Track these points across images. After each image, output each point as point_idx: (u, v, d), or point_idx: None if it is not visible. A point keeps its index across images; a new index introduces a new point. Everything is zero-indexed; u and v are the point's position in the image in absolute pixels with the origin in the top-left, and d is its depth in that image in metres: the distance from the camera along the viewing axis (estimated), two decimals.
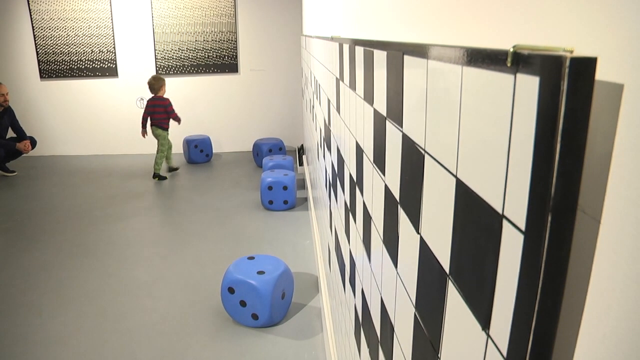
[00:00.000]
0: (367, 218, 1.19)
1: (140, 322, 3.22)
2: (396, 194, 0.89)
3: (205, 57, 7.61)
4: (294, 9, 7.43)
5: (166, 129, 6.31)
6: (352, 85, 1.36)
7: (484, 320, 0.55)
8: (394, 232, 0.92)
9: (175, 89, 7.78)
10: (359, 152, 1.27)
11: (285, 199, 5.14)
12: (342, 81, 1.58)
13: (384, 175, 0.98)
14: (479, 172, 0.55)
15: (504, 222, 0.49)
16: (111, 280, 3.80)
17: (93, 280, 3.82)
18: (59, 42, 7.54)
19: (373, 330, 1.19)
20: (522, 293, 0.46)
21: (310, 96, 4.21)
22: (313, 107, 3.86)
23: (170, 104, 6.21)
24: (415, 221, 0.78)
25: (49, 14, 7.47)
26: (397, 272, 0.91)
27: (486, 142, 0.53)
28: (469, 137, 0.58)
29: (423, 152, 0.74)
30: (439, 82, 0.66)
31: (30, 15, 7.50)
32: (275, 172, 5.33)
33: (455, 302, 0.63)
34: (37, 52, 7.59)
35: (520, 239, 0.46)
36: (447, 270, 0.66)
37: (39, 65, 7.64)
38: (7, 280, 3.86)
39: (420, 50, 0.73)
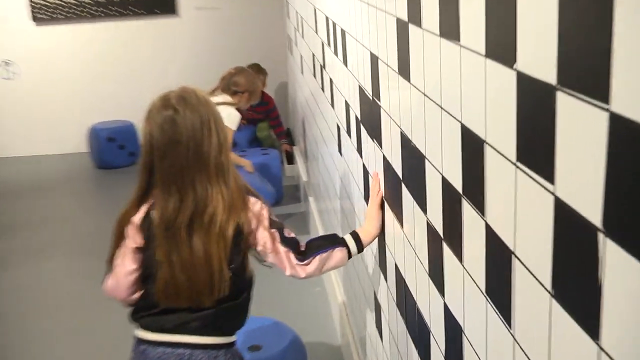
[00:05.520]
0: (504, 254, 0.74)
1: None
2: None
3: None
4: None
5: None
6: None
7: None
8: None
9: (65, 45, 4.82)
10: (474, 142, 0.79)
11: None
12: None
13: (552, 185, 0.61)
14: None
15: None
16: None
17: None
18: None
19: None
20: None
21: (316, 51, 2.69)
22: (323, 67, 2.47)
23: None
24: None
25: None
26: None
27: None
28: None
29: None
30: None
31: None
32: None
33: None
34: None
35: None
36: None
37: None
38: None
39: None
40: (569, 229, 0.56)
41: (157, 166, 1.32)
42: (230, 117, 2.94)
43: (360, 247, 1.49)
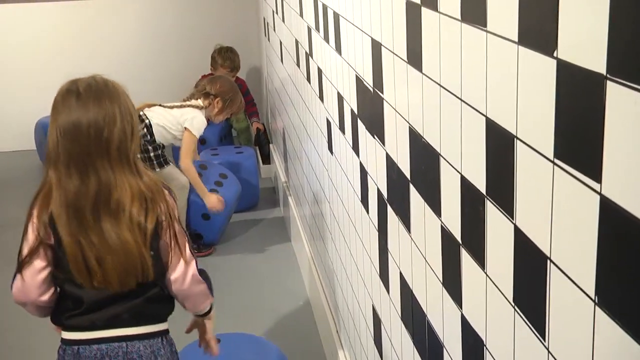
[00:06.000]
0: (537, 259, 0.67)
1: None
2: None
3: None
4: None
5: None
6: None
7: None
8: None
9: (2, 28, 4.16)
10: (502, 138, 0.72)
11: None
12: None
13: (599, 183, 0.54)
14: None
15: None
16: None
17: None
18: None
19: None
20: None
21: (300, 37, 2.38)
22: (309, 55, 2.22)
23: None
24: None
25: None
26: None
27: None
28: None
29: None
30: None
31: None
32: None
33: None
34: None
35: None
36: None
37: None
38: None
39: None
40: (618, 230, 0.51)
41: (60, 149, 1.30)
42: (193, 121, 2.78)
43: (207, 314, 1.52)
